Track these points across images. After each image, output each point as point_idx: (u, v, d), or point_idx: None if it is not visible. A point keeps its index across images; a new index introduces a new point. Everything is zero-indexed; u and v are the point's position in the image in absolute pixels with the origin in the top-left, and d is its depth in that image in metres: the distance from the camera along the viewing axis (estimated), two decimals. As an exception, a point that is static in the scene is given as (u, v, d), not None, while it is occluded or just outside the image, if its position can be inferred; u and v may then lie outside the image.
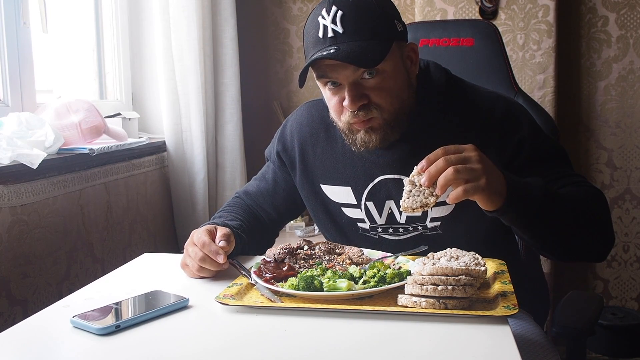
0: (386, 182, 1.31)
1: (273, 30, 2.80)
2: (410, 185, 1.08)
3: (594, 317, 1.43)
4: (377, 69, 1.17)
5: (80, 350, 0.91)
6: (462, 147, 1.06)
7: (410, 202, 1.07)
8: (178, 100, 2.35)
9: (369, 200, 1.33)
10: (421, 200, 1.06)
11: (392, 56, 1.19)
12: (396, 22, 1.21)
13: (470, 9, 2.50)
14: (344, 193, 1.35)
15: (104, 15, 2.32)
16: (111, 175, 1.98)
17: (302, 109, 1.48)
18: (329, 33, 1.16)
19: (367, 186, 1.33)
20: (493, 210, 1.09)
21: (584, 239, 1.19)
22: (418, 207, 1.07)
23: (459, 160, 1.03)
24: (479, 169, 1.03)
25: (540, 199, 1.11)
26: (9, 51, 1.75)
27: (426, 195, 1.06)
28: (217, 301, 1.03)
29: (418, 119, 1.27)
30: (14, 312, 1.53)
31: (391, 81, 1.20)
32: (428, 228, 1.31)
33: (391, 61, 1.19)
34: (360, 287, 1.06)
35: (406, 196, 1.08)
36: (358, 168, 1.33)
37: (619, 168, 2.64)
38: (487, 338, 0.90)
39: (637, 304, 2.71)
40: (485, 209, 1.10)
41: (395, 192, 1.30)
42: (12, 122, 1.59)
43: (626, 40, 2.57)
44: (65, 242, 1.73)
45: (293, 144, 1.43)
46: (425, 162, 1.04)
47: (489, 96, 1.32)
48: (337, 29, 1.15)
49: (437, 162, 1.03)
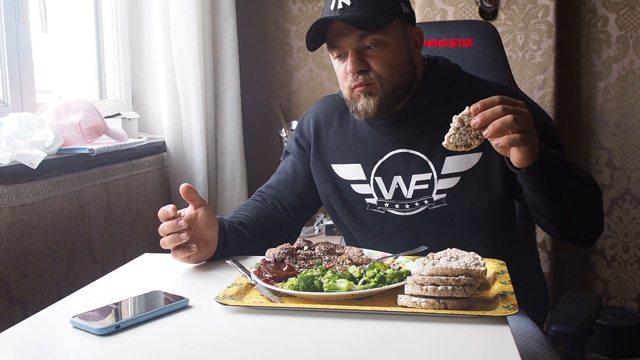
0: (395, 157, 1.39)
1: (273, 30, 2.80)
2: (459, 123, 1.09)
3: (593, 316, 1.43)
4: (378, 39, 1.29)
5: (80, 350, 0.91)
6: (517, 101, 1.09)
7: (456, 139, 1.09)
8: (178, 100, 2.35)
9: (378, 176, 1.41)
10: (466, 139, 1.08)
11: (394, 31, 1.31)
12: (402, 4, 1.33)
13: (470, 9, 2.50)
14: (353, 170, 1.43)
15: (104, 15, 2.32)
16: (111, 176, 1.98)
17: (319, 101, 1.59)
18: (338, 5, 1.30)
19: (377, 162, 1.41)
20: (525, 167, 1.12)
21: (584, 218, 1.26)
22: (462, 145, 1.09)
23: (515, 112, 1.06)
24: (531, 127, 1.08)
25: (562, 167, 1.17)
26: (9, 51, 1.75)
27: (472, 137, 1.08)
28: (217, 301, 1.03)
29: (425, 98, 1.38)
30: (14, 312, 1.53)
31: (391, 53, 1.31)
32: (434, 201, 1.36)
33: (393, 35, 1.31)
34: (360, 287, 1.06)
35: (452, 132, 1.09)
36: (368, 146, 1.42)
37: (619, 168, 2.65)
38: (486, 338, 0.90)
39: (637, 304, 2.71)
40: (517, 164, 1.12)
41: (402, 167, 1.38)
42: (12, 123, 1.59)
43: (626, 40, 2.57)
44: (65, 242, 1.73)
45: (309, 129, 1.52)
46: (480, 105, 1.06)
47: (494, 84, 1.43)
48: (346, 2, 1.29)
49: (495, 108, 1.05)
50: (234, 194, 2.54)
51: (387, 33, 1.29)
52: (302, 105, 2.81)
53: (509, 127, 1.04)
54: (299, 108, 2.81)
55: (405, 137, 1.39)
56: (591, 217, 1.28)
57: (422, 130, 1.37)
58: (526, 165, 1.11)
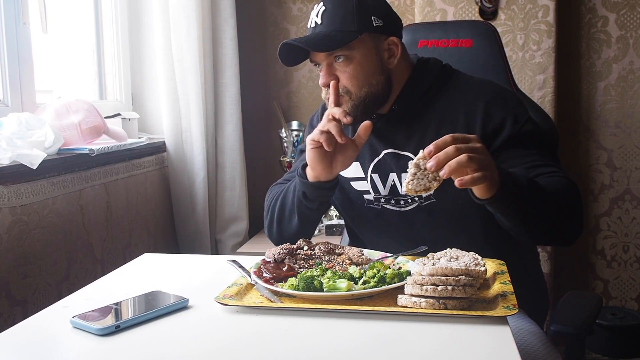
0: (389, 156, 1.43)
1: (273, 30, 2.80)
2: (415, 168, 1.11)
3: (593, 316, 1.43)
4: (344, 55, 1.34)
5: (80, 350, 0.91)
6: (469, 137, 1.11)
7: (415, 184, 1.10)
8: (178, 100, 2.35)
9: (375, 173, 1.45)
10: (425, 183, 1.10)
11: (362, 45, 1.35)
12: (374, 17, 1.37)
13: (470, 9, 2.50)
14: (353, 167, 1.46)
15: (104, 16, 2.32)
16: (111, 176, 1.98)
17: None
18: (312, 23, 1.39)
19: (373, 160, 1.45)
20: (485, 199, 1.14)
21: (558, 225, 1.27)
22: (421, 189, 1.10)
23: (468, 149, 1.07)
24: (488, 160, 1.10)
25: (526, 188, 1.18)
26: (9, 51, 1.75)
27: (430, 179, 1.10)
28: (217, 301, 1.03)
29: (412, 99, 1.41)
30: (13, 312, 1.53)
31: (358, 67, 1.36)
32: (423, 197, 1.41)
33: (361, 50, 1.35)
34: (360, 287, 1.06)
35: (410, 178, 1.11)
36: (365, 145, 1.45)
37: (619, 168, 2.65)
38: (487, 338, 0.91)
39: (636, 304, 2.71)
40: (479, 197, 1.15)
41: (395, 166, 1.43)
42: (12, 123, 1.59)
43: (626, 40, 2.57)
44: (65, 242, 1.73)
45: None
46: (433, 147, 1.08)
47: (481, 81, 1.46)
48: (318, 21, 1.37)
49: (447, 149, 1.07)
50: (234, 194, 2.54)
51: (354, 48, 1.34)
52: (302, 105, 2.81)
53: (464, 166, 1.06)
54: (299, 108, 2.81)
55: (395, 139, 1.43)
56: (565, 224, 1.28)
57: (409, 131, 1.41)
58: (486, 197, 1.13)
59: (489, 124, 1.36)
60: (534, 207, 1.21)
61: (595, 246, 2.70)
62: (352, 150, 1.36)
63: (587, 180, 2.66)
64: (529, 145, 1.35)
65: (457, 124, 1.37)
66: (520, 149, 1.34)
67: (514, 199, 1.16)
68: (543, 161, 1.33)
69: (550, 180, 1.27)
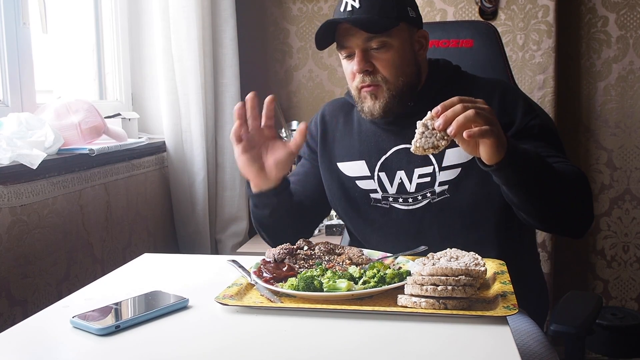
0: (398, 153, 1.43)
1: (273, 30, 2.80)
2: (423, 127, 1.11)
3: (593, 316, 1.43)
4: (384, 41, 1.33)
5: (80, 350, 0.91)
6: (476, 100, 1.12)
7: (423, 142, 1.10)
8: (178, 100, 2.35)
9: (382, 171, 1.44)
10: (433, 141, 1.10)
11: (399, 34, 1.35)
12: (409, 8, 1.38)
13: (470, 10, 2.50)
14: (358, 167, 1.46)
15: (104, 16, 2.32)
16: (111, 176, 1.98)
17: (325, 105, 1.63)
18: (348, 7, 1.35)
19: (381, 158, 1.45)
20: (493, 164, 1.13)
21: (568, 209, 1.26)
22: (430, 147, 1.10)
23: (476, 107, 1.08)
24: (494, 118, 1.10)
25: (534, 160, 1.18)
26: (9, 51, 1.75)
27: (438, 138, 1.09)
28: (217, 301, 1.03)
29: (426, 96, 1.40)
30: (13, 312, 1.53)
31: (396, 55, 1.35)
32: (437, 193, 1.39)
33: (398, 38, 1.35)
34: (360, 287, 1.06)
35: (418, 137, 1.10)
36: (372, 143, 1.46)
37: (619, 168, 2.65)
38: (486, 338, 0.91)
39: (637, 304, 2.71)
40: (487, 160, 1.13)
41: (405, 162, 1.42)
42: (12, 123, 1.59)
43: (626, 40, 2.57)
44: (65, 243, 1.73)
45: (316, 130, 1.57)
46: (441, 107, 1.09)
47: (492, 80, 1.48)
48: (355, 4, 1.34)
49: (455, 107, 1.08)
50: (234, 194, 2.54)
51: (393, 36, 1.34)
52: (302, 105, 2.81)
53: (472, 121, 1.06)
54: (299, 108, 2.81)
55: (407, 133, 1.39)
56: (575, 209, 1.27)
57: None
58: (496, 161, 1.12)
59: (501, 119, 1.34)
60: (543, 181, 1.19)
61: (595, 246, 2.70)
62: (285, 153, 1.34)
63: (587, 180, 2.66)
64: (538, 138, 1.35)
65: None
66: (529, 142, 1.33)
67: (522, 167, 1.15)
68: (552, 153, 1.33)
69: (560, 165, 1.27)
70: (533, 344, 1.31)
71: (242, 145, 1.34)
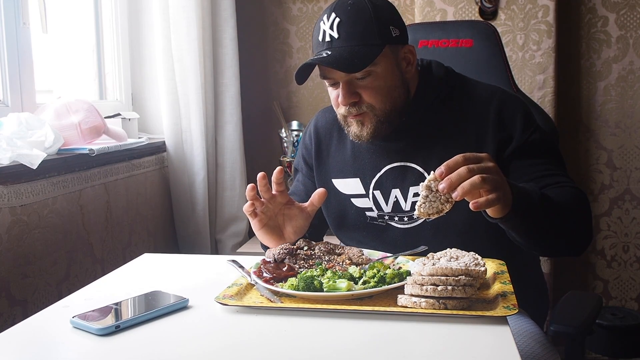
0: (392, 170, 1.40)
1: (273, 30, 2.80)
2: (427, 191, 1.07)
3: (593, 316, 1.43)
4: (368, 71, 1.27)
5: (80, 350, 0.91)
6: (480, 156, 1.07)
7: (427, 207, 1.07)
8: (178, 100, 2.35)
9: (376, 189, 1.41)
10: (437, 206, 1.07)
11: (383, 59, 1.29)
12: (392, 27, 1.31)
13: (470, 9, 2.50)
14: (353, 184, 1.43)
15: (104, 15, 2.32)
16: (111, 176, 1.98)
17: (318, 114, 1.59)
18: (326, 37, 1.29)
19: (375, 176, 1.41)
20: (498, 217, 1.12)
21: (570, 238, 1.26)
22: (434, 212, 1.07)
23: (481, 170, 1.04)
24: (501, 180, 1.06)
25: (538, 204, 1.15)
26: (9, 51, 1.75)
27: (442, 202, 1.06)
28: (217, 301, 1.03)
29: (419, 110, 1.37)
30: (13, 312, 1.53)
31: (382, 82, 1.30)
32: None
33: (383, 64, 1.29)
34: (360, 287, 1.06)
35: (422, 201, 1.07)
36: (366, 160, 1.43)
37: (619, 168, 2.64)
38: (486, 338, 0.91)
39: (636, 304, 2.71)
40: (494, 216, 1.12)
41: (399, 181, 1.39)
42: (12, 123, 1.59)
43: (626, 40, 2.57)
44: (65, 243, 1.73)
45: (311, 144, 1.54)
46: (445, 168, 1.04)
47: (487, 89, 1.41)
48: (333, 34, 1.28)
49: (460, 170, 1.03)
50: (234, 194, 2.54)
51: (377, 63, 1.28)
52: (302, 105, 2.81)
53: (478, 188, 1.03)
54: (299, 108, 2.81)
55: (401, 150, 1.39)
56: (576, 236, 1.27)
57: (417, 142, 1.37)
58: (502, 216, 1.11)
59: (498, 134, 1.33)
60: (546, 223, 1.18)
61: (595, 246, 2.70)
62: (302, 219, 1.30)
63: (587, 180, 2.66)
64: (538, 154, 1.33)
65: (467, 133, 1.35)
66: (529, 159, 1.32)
67: (527, 216, 1.13)
68: (551, 170, 1.31)
69: (560, 191, 1.25)
70: (533, 344, 1.31)
71: (259, 219, 1.28)
